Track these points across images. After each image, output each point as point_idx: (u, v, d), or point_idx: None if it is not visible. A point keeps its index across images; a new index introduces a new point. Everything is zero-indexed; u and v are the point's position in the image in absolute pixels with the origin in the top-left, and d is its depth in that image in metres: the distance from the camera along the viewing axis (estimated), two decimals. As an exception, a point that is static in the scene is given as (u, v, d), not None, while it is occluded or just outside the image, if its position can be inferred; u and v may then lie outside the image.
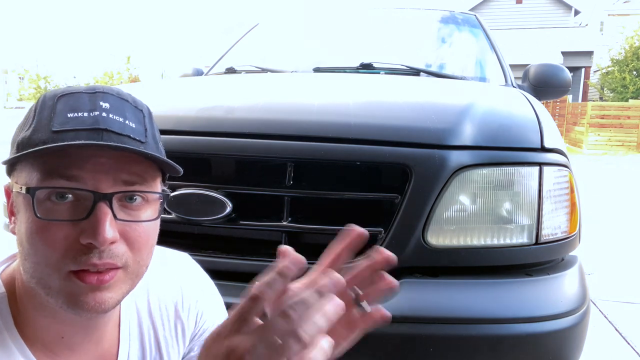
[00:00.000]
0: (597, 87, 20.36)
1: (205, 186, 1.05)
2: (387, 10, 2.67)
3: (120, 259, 0.58)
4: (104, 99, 0.59)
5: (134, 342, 0.74)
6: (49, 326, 0.62)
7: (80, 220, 0.56)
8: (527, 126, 1.11)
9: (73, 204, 0.56)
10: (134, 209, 0.60)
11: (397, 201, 1.00)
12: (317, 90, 1.46)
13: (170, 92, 1.52)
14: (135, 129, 0.60)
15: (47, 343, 0.63)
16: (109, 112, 0.58)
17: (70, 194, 0.56)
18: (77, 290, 0.57)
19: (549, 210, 1.05)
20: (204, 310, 0.82)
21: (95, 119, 0.57)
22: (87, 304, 0.57)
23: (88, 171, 0.56)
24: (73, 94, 0.59)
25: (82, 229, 0.55)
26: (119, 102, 0.61)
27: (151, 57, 26.94)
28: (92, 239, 0.55)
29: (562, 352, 0.99)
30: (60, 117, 0.57)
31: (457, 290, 0.99)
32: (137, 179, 0.59)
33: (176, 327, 0.78)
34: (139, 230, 0.60)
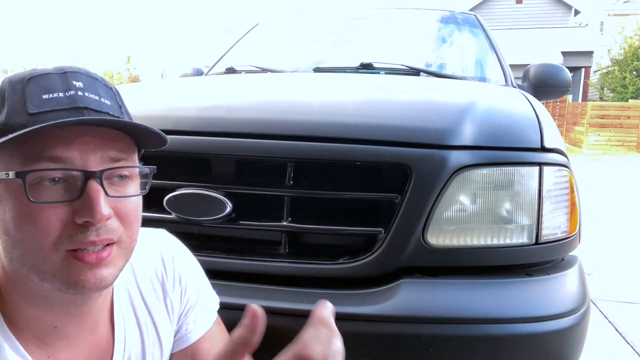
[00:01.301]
0: (597, 87, 20.36)
1: (205, 186, 1.05)
2: (387, 10, 2.67)
3: (115, 233, 0.59)
4: (75, 78, 0.59)
5: (131, 326, 0.73)
6: (40, 317, 0.62)
7: (74, 200, 0.56)
8: (527, 126, 1.11)
9: (63, 186, 0.56)
10: (121, 185, 0.61)
11: (397, 201, 1.00)
12: (317, 90, 1.46)
13: (170, 92, 1.52)
14: (111, 106, 0.61)
15: (40, 335, 0.62)
16: (84, 91, 0.58)
17: (60, 176, 0.56)
18: (77, 270, 0.57)
19: (549, 210, 1.05)
20: (187, 286, 0.82)
21: (72, 98, 0.57)
22: (87, 282, 0.57)
23: (75, 151, 0.56)
24: (42, 75, 0.58)
25: (76, 208, 0.56)
26: (90, 80, 0.61)
27: (151, 57, 26.94)
28: (89, 217, 0.55)
29: (562, 352, 0.99)
30: (35, 99, 0.56)
31: (457, 290, 0.99)
32: (122, 155, 0.60)
33: (166, 304, 0.78)
34: (129, 206, 0.61)
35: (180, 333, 0.82)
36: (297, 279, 1.02)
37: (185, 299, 0.82)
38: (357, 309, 0.95)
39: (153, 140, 0.64)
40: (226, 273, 1.02)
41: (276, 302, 0.97)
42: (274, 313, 0.96)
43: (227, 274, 1.02)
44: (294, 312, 0.96)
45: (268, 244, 1.10)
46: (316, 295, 0.99)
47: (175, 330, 0.82)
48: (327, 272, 1.02)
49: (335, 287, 1.01)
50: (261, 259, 1.05)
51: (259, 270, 1.03)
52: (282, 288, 1.01)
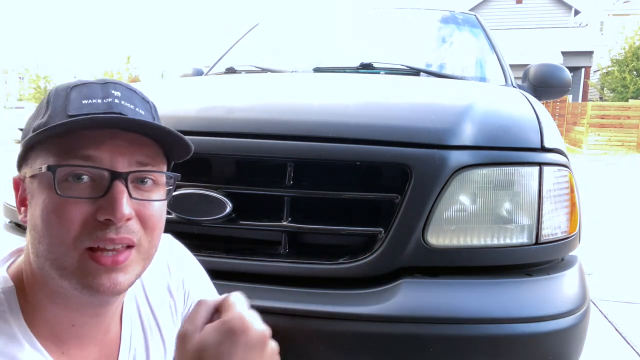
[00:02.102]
0: (597, 87, 20.36)
1: (205, 186, 1.05)
2: (387, 10, 2.67)
3: (135, 234, 0.61)
4: (115, 88, 0.63)
5: (136, 327, 0.75)
6: (60, 314, 0.63)
7: (98, 198, 0.59)
8: (527, 126, 1.11)
9: (89, 184, 0.59)
10: (145, 190, 0.63)
11: (397, 201, 1.00)
12: (317, 90, 1.46)
13: (170, 92, 1.52)
14: (145, 117, 0.64)
15: (58, 332, 0.64)
16: (120, 99, 0.62)
17: (87, 175, 0.59)
18: (93, 271, 0.59)
19: (549, 210, 1.05)
20: (190, 290, 0.83)
21: (109, 104, 0.61)
22: (102, 285, 0.59)
23: (105, 152, 0.59)
24: (85, 84, 0.63)
25: (100, 206, 0.58)
26: (128, 92, 0.64)
27: (151, 57, 26.93)
28: (111, 215, 0.58)
29: (562, 352, 0.99)
30: (75, 104, 0.60)
31: (457, 290, 0.99)
32: (149, 161, 0.63)
33: (170, 307, 0.80)
34: (151, 210, 0.63)
35: None
36: (297, 279, 1.02)
37: (189, 302, 0.83)
38: (357, 309, 0.95)
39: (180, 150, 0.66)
40: (226, 273, 1.02)
41: (276, 302, 0.97)
42: (274, 313, 0.96)
43: (227, 274, 1.02)
44: (294, 312, 0.96)
45: (268, 244, 1.10)
46: (316, 295, 0.99)
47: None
48: (327, 272, 1.02)
49: (335, 287, 1.01)
50: (261, 259, 1.05)
51: (259, 270, 1.03)
52: (282, 288, 1.01)
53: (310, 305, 0.97)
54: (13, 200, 1.28)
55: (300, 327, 0.97)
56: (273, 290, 1.01)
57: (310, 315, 0.96)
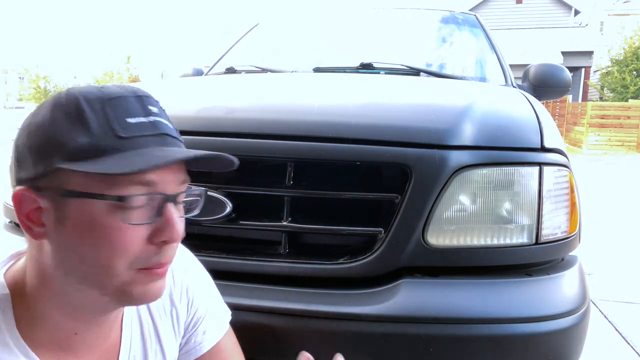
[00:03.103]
0: (597, 88, 20.36)
1: (205, 186, 1.05)
2: (387, 10, 2.67)
3: (175, 252, 0.64)
4: (149, 103, 0.62)
5: (135, 334, 0.75)
6: (63, 323, 0.63)
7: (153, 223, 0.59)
8: (527, 126, 1.11)
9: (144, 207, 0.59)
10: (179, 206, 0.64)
11: (397, 201, 1.00)
12: (317, 90, 1.46)
13: (170, 92, 1.52)
14: (175, 130, 0.65)
15: (57, 340, 0.64)
16: (159, 116, 0.62)
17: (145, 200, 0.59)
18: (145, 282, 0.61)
19: (549, 210, 1.05)
20: (195, 298, 0.82)
21: (154, 124, 0.61)
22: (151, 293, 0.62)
23: (159, 175, 0.59)
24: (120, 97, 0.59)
25: (155, 228, 0.59)
26: (157, 105, 0.64)
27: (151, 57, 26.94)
28: (169, 237, 0.59)
29: (562, 352, 0.99)
30: (121, 122, 0.58)
31: (457, 290, 0.99)
32: (187, 178, 0.65)
33: (172, 315, 0.79)
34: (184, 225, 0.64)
35: (189, 345, 0.82)
36: (297, 279, 1.02)
37: (193, 311, 0.82)
38: (357, 309, 0.95)
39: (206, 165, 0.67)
40: (226, 273, 1.02)
41: (276, 302, 0.97)
42: (274, 313, 0.96)
43: (227, 274, 1.02)
44: (294, 312, 0.96)
45: (268, 244, 1.10)
46: (316, 295, 0.99)
47: (184, 342, 0.83)
48: (327, 272, 1.02)
49: (336, 287, 1.01)
50: (261, 259, 1.05)
51: (259, 270, 1.03)
52: (282, 288, 1.01)
53: (310, 305, 0.97)
54: (13, 200, 1.28)
55: (300, 327, 0.97)
56: (273, 290, 1.00)
57: (310, 315, 0.96)
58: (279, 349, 0.96)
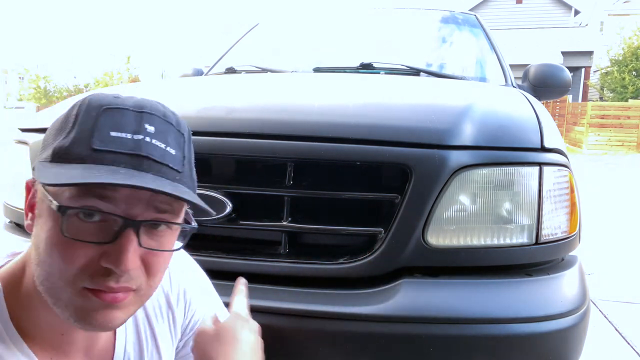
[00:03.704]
0: (597, 88, 20.35)
1: (205, 186, 1.05)
2: (387, 10, 2.67)
3: (135, 282, 0.58)
4: (150, 121, 0.58)
5: (130, 336, 0.74)
6: (51, 322, 0.62)
7: (105, 244, 0.55)
8: (527, 126, 1.11)
9: (100, 225, 0.56)
10: (158, 235, 0.60)
11: (397, 201, 1.00)
12: (317, 90, 1.46)
13: (170, 92, 1.52)
14: (175, 157, 0.60)
15: (48, 338, 0.63)
16: (152, 137, 0.57)
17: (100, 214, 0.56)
18: (89, 305, 0.57)
19: (549, 210, 1.05)
20: (192, 301, 0.82)
21: (137, 143, 0.56)
22: (96, 320, 0.57)
23: (122, 195, 0.55)
24: (120, 109, 0.58)
25: (105, 251, 0.55)
26: (164, 125, 0.60)
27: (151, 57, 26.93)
28: (114, 265, 0.55)
29: (562, 352, 0.99)
30: (103, 134, 0.56)
31: (457, 290, 0.99)
32: (167, 208, 0.59)
33: (169, 317, 0.79)
34: (159, 258, 0.60)
35: (187, 349, 0.82)
36: (297, 279, 1.02)
37: (190, 314, 0.82)
38: (357, 309, 0.95)
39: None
40: (226, 273, 1.02)
41: (276, 302, 0.97)
42: (274, 313, 0.96)
43: (227, 274, 1.02)
44: (294, 312, 0.96)
45: (268, 244, 1.10)
46: (316, 295, 0.99)
47: (181, 345, 0.82)
48: (327, 272, 1.02)
49: (336, 287, 1.01)
50: (261, 259, 1.05)
51: (259, 270, 1.03)
52: (282, 288, 1.01)
53: (310, 305, 0.97)
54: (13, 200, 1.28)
55: (300, 327, 0.97)
56: (273, 290, 1.00)
57: (310, 315, 0.96)
58: (279, 349, 0.96)
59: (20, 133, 1.24)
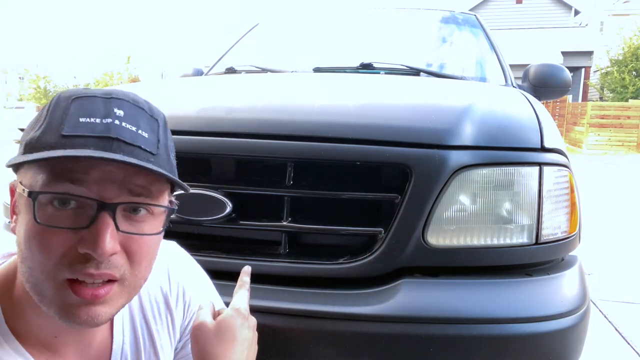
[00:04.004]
0: (597, 88, 20.35)
1: (205, 186, 1.05)
2: (387, 10, 2.67)
3: (118, 270, 0.57)
4: (119, 106, 0.58)
5: (127, 336, 0.74)
6: (43, 325, 0.62)
7: (81, 229, 0.54)
8: (527, 126, 1.11)
9: (75, 211, 0.55)
10: (137, 220, 0.59)
11: (397, 201, 1.00)
12: (317, 90, 1.46)
13: (170, 92, 1.52)
14: (148, 140, 0.59)
15: (42, 340, 0.63)
16: (122, 120, 0.57)
17: (74, 200, 0.55)
18: (70, 301, 0.56)
19: (549, 210, 1.05)
20: (191, 301, 0.82)
21: (107, 126, 0.56)
22: (79, 317, 0.56)
23: (94, 178, 0.55)
24: (88, 97, 0.58)
25: (82, 237, 0.54)
26: (133, 109, 0.59)
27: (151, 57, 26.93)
28: (91, 250, 0.54)
29: (562, 352, 0.99)
30: (72, 121, 0.55)
31: (457, 290, 0.99)
32: (142, 191, 0.58)
33: (167, 318, 0.78)
34: (141, 243, 0.59)
35: (186, 349, 0.82)
36: (297, 279, 1.02)
37: (190, 314, 0.81)
38: (357, 309, 0.95)
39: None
40: (226, 273, 1.02)
41: (276, 302, 0.97)
42: (274, 313, 0.96)
43: (227, 274, 1.02)
44: (294, 312, 0.96)
45: (268, 244, 1.10)
46: (316, 295, 0.99)
47: (180, 346, 0.82)
48: (327, 272, 1.02)
49: (335, 287, 1.01)
50: (261, 259, 1.05)
51: (259, 270, 1.03)
52: (282, 288, 1.01)
53: (310, 305, 0.97)
54: (13, 201, 1.28)
55: (300, 327, 0.97)
56: (273, 290, 1.00)
57: (310, 315, 0.96)
58: (279, 349, 0.96)
59: (20, 133, 1.24)
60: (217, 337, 0.74)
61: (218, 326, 0.76)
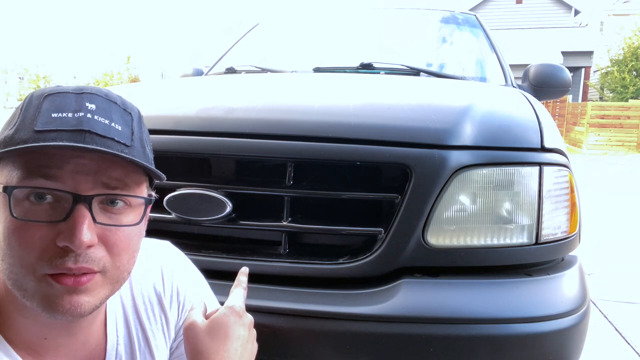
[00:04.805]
0: (597, 88, 20.35)
1: (205, 186, 1.05)
2: (387, 10, 2.67)
3: (97, 263, 0.57)
4: (90, 100, 0.58)
5: (122, 337, 0.73)
6: (30, 328, 0.61)
7: (58, 222, 0.55)
8: (527, 126, 1.11)
9: (52, 205, 0.56)
10: (115, 212, 0.59)
11: (397, 201, 1.00)
12: (317, 90, 1.46)
13: (170, 92, 1.52)
14: (121, 132, 0.59)
15: (31, 344, 0.62)
16: (94, 114, 0.57)
17: (50, 195, 0.55)
18: (53, 292, 0.56)
19: (549, 210, 1.05)
20: (186, 301, 0.81)
21: (79, 120, 0.56)
22: (62, 306, 0.56)
23: (68, 171, 0.55)
24: (60, 93, 0.59)
25: (60, 231, 0.55)
26: (106, 103, 0.60)
27: (151, 57, 26.93)
28: (69, 242, 0.54)
29: (562, 352, 0.99)
30: (44, 117, 0.56)
31: (457, 290, 0.99)
32: (117, 183, 0.58)
33: (161, 318, 0.78)
34: (120, 235, 0.59)
35: (181, 349, 0.81)
36: (297, 279, 1.02)
37: (184, 313, 0.81)
38: (357, 309, 0.95)
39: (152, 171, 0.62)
40: (226, 273, 1.02)
41: (276, 302, 0.97)
42: (274, 313, 0.96)
43: (227, 274, 1.02)
44: (294, 312, 0.96)
45: (268, 244, 1.10)
46: (316, 295, 0.99)
47: (175, 346, 0.82)
48: (327, 272, 1.02)
49: (335, 287, 1.01)
50: (261, 259, 1.05)
51: (259, 270, 1.03)
52: (282, 288, 1.01)
53: (310, 305, 0.97)
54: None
55: (300, 327, 0.97)
56: (273, 290, 1.00)
57: (310, 315, 0.96)
58: (279, 349, 0.96)
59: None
60: (208, 335, 0.74)
61: (210, 324, 0.75)
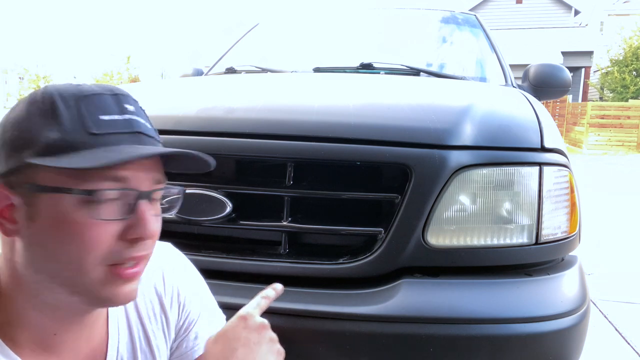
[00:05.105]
0: (597, 88, 20.35)
1: (205, 186, 1.05)
2: (387, 10, 2.67)
3: (150, 249, 0.64)
4: (126, 102, 0.62)
5: (123, 336, 0.74)
6: (42, 323, 0.62)
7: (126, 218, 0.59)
8: (527, 126, 1.11)
9: (116, 204, 0.59)
10: (154, 204, 0.64)
11: (397, 201, 1.00)
12: (317, 90, 1.46)
13: (170, 92, 1.52)
14: (153, 130, 0.64)
15: (38, 340, 0.63)
16: (134, 115, 0.62)
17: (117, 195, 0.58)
18: (113, 284, 0.60)
19: (549, 210, 1.05)
20: (186, 301, 0.82)
21: (128, 122, 0.60)
22: (119, 296, 0.61)
23: (131, 172, 0.59)
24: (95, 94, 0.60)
25: (128, 225, 0.59)
26: (136, 104, 0.64)
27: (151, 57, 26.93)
28: (141, 234, 0.59)
29: (562, 352, 0.99)
30: (93, 119, 0.58)
31: (457, 290, 0.99)
32: (162, 178, 0.64)
33: (162, 318, 0.79)
34: (159, 224, 0.64)
35: (181, 349, 0.82)
36: (297, 279, 1.02)
37: (185, 314, 0.81)
38: (357, 309, 0.95)
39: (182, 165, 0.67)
40: (226, 273, 1.02)
41: (276, 302, 0.97)
42: (275, 313, 0.96)
43: (227, 274, 1.02)
44: (294, 312, 0.96)
45: (268, 244, 1.10)
46: (316, 295, 0.99)
47: (175, 346, 0.82)
48: (327, 272, 1.02)
49: (335, 287, 1.01)
50: (261, 259, 1.05)
51: (259, 270, 1.03)
52: (282, 288, 1.01)
53: (310, 305, 0.97)
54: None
55: (300, 327, 0.97)
56: (273, 290, 1.00)
57: (310, 315, 0.96)
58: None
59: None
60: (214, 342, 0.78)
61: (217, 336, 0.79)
